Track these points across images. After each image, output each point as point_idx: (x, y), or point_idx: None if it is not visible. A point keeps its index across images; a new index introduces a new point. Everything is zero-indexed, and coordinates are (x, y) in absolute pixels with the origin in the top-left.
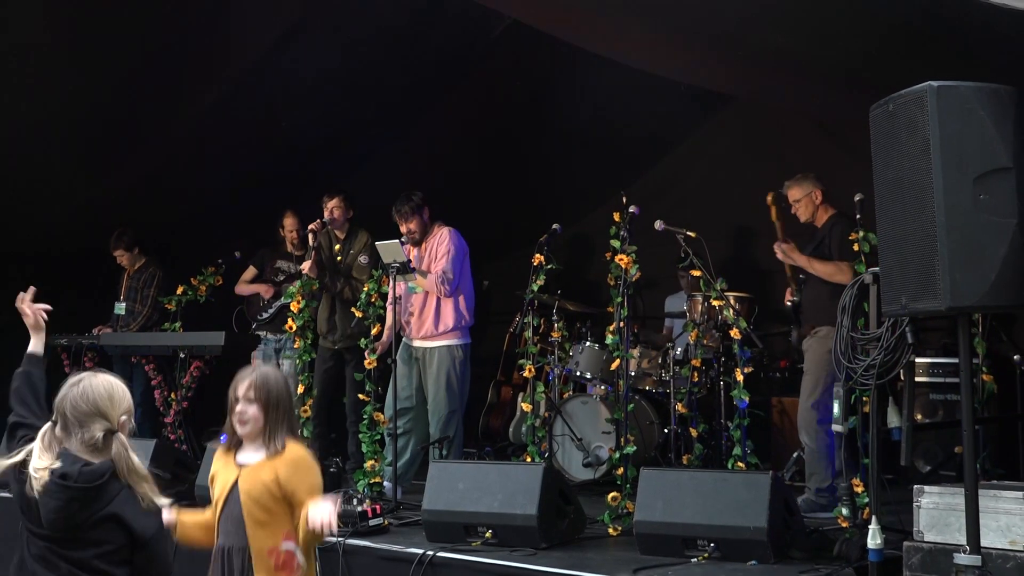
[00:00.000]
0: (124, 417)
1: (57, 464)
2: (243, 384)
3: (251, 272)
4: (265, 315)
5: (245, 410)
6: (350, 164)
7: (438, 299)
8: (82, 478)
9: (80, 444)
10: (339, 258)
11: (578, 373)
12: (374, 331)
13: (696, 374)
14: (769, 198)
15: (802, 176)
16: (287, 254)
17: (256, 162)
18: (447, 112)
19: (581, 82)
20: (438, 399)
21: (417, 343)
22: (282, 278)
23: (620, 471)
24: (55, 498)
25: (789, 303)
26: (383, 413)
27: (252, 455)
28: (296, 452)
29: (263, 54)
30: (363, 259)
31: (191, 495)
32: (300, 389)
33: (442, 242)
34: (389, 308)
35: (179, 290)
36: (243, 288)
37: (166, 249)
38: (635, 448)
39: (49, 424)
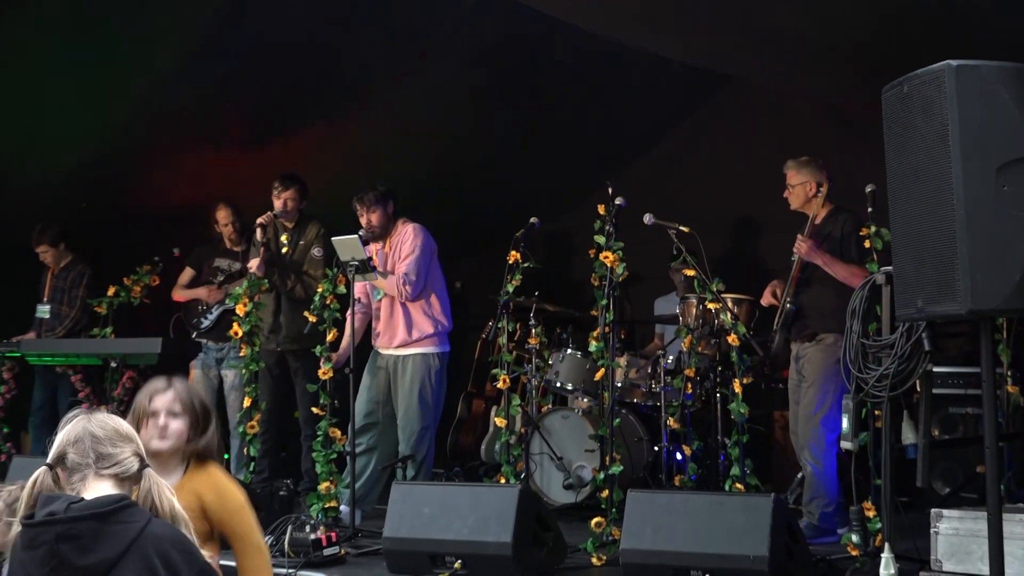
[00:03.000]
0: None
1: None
2: (165, 396)
3: (188, 274)
4: (206, 321)
5: (168, 424)
6: (301, 150)
7: (404, 304)
8: (73, 510)
9: (101, 476)
10: (285, 250)
11: (558, 384)
12: (329, 337)
13: (690, 385)
14: (825, 188)
15: (808, 160)
16: (226, 251)
17: (197, 149)
18: (411, 93)
19: (562, 59)
20: (410, 414)
21: (388, 352)
22: (222, 278)
23: (605, 494)
24: (40, 545)
25: (789, 305)
26: (339, 428)
27: (163, 474)
28: (219, 478)
29: (209, 30)
30: (316, 252)
31: None
32: (247, 402)
33: (406, 240)
34: (348, 319)
35: (110, 291)
36: (182, 293)
37: (96, 245)
38: (622, 468)
39: (42, 470)
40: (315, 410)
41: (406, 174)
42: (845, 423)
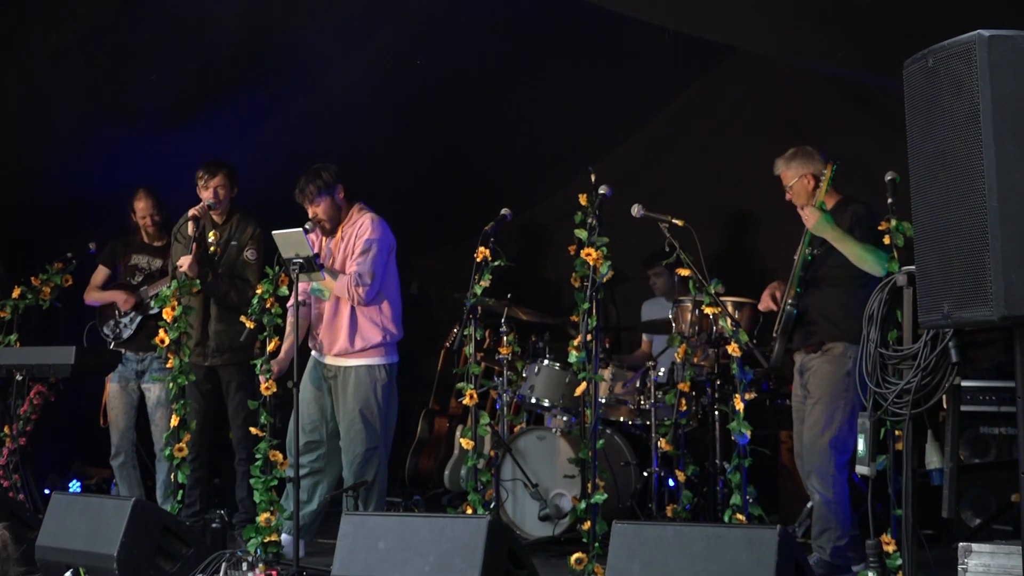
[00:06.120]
0: None
1: None
2: None
3: (102, 273)
4: (128, 330)
5: None
6: (232, 131)
7: (353, 307)
8: None
9: None
10: (213, 248)
11: (533, 400)
12: (270, 347)
13: (684, 402)
14: (829, 169)
15: (795, 153)
16: (144, 246)
17: (110, 129)
18: (359, 66)
19: (535, 25)
20: (352, 433)
21: (329, 361)
22: (140, 278)
23: (586, 526)
24: None
25: (790, 307)
26: (281, 451)
27: None
28: None
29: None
30: (250, 254)
31: (31, 559)
32: (174, 421)
33: (361, 234)
34: (290, 315)
35: (15, 293)
36: (95, 296)
37: None
38: (606, 496)
39: None
40: (254, 430)
41: (354, 159)
42: (861, 445)
